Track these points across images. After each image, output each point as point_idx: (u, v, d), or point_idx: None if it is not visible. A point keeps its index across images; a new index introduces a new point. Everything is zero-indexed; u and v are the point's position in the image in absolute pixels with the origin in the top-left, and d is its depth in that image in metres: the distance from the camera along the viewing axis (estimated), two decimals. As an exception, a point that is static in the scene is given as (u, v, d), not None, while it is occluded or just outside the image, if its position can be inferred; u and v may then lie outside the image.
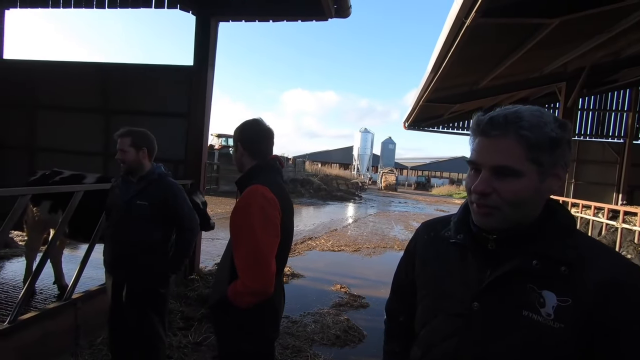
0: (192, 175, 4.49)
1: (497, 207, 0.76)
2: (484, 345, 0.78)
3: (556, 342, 0.72)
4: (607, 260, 0.74)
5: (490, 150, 0.76)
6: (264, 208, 1.42)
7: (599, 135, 12.37)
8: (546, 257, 0.74)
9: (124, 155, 2.11)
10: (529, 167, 0.74)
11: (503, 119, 0.75)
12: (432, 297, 0.90)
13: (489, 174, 0.76)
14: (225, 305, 1.45)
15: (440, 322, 0.86)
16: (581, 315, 0.71)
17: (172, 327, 3.37)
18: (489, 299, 0.78)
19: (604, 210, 6.38)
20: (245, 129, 1.63)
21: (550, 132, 0.74)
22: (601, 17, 4.94)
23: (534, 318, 0.73)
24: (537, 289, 0.74)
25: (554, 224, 0.78)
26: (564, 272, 0.73)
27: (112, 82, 5.01)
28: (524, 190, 0.75)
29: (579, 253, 0.74)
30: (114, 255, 2.16)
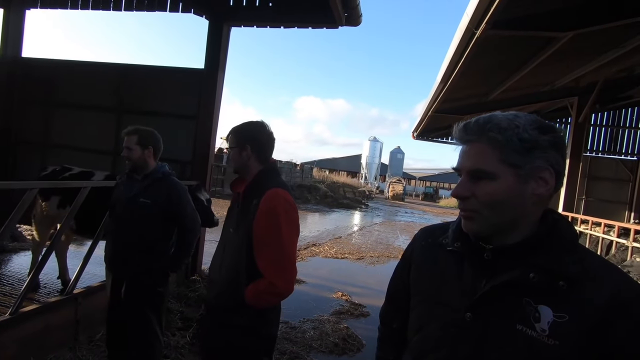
0: (199, 176, 4.53)
1: (477, 210, 0.77)
2: (475, 358, 0.76)
3: (549, 359, 0.70)
4: (612, 278, 0.72)
5: (467, 155, 0.79)
6: (288, 211, 1.49)
7: (611, 152, 12.17)
8: (544, 270, 0.72)
9: (129, 153, 2.15)
10: (503, 169, 0.75)
11: (475, 125, 0.78)
12: (426, 305, 0.89)
13: (467, 178, 0.79)
14: (238, 307, 1.47)
15: (433, 330, 0.84)
16: (580, 334, 0.68)
17: (171, 326, 3.37)
18: (482, 310, 0.77)
19: (615, 228, 6.23)
20: (256, 132, 1.62)
21: (522, 134, 0.74)
22: (615, 32, 4.89)
23: (527, 333, 0.71)
24: (533, 303, 0.72)
25: (555, 237, 0.76)
26: (562, 287, 0.70)
27: (126, 82, 5.12)
28: (499, 192, 0.75)
29: (580, 268, 0.71)
30: (114, 251, 2.18)
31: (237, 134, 1.62)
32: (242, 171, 1.62)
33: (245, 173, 1.62)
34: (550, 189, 0.76)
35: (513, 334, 0.73)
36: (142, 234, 2.13)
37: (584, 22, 4.30)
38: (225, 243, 1.60)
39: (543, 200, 0.77)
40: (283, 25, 4.54)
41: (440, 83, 6.15)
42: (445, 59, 5.22)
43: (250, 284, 1.47)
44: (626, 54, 5.91)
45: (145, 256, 2.13)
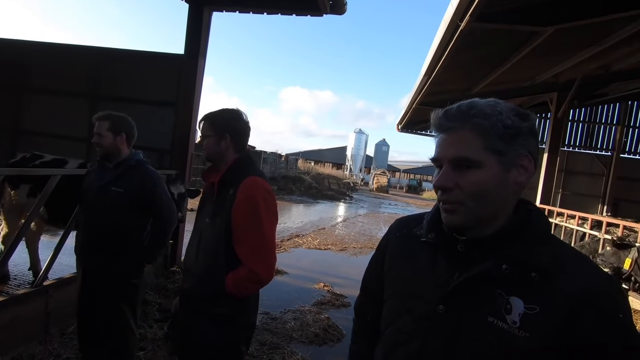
0: (178, 166, 4.42)
1: (461, 202, 0.74)
2: (447, 351, 0.75)
3: (520, 352, 0.69)
4: (583, 270, 0.71)
5: (448, 143, 0.75)
6: (266, 199, 1.50)
7: (587, 147, 12.57)
8: (517, 261, 0.71)
9: (100, 140, 2.05)
10: (488, 156, 0.72)
11: (457, 111, 0.75)
12: (399, 297, 0.87)
13: (450, 168, 0.75)
14: (217, 296, 1.46)
15: (405, 323, 0.83)
16: (551, 326, 0.68)
17: (148, 318, 3.31)
18: (454, 303, 0.75)
19: (588, 220, 6.46)
20: (234, 121, 1.59)
21: (506, 120, 0.72)
22: (594, 29, 4.99)
23: (499, 325, 0.70)
24: (505, 294, 0.71)
25: (528, 228, 0.75)
26: (534, 278, 0.69)
27: (101, 67, 4.91)
28: (486, 181, 0.72)
29: (553, 260, 0.71)
30: (84, 241, 2.10)
31: (214, 123, 1.58)
32: (217, 160, 1.59)
33: (221, 162, 1.59)
34: (530, 176, 0.75)
35: (484, 326, 0.72)
36: (115, 224, 2.05)
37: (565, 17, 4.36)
38: (201, 233, 1.57)
39: (522, 188, 0.76)
40: (266, 11, 4.42)
41: (425, 75, 6.16)
42: (430, 51, 5.22)
43: (230, 272, 1.46)
44: (603, 51, 6.05)
45: (118, 246, 2.06)
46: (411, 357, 0.80)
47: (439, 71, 5.67)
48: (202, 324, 1.51)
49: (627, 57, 6.88)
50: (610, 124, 12.48)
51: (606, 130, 12.52)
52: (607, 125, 12.50)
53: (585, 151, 12.52)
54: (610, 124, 12.48)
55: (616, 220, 6.09)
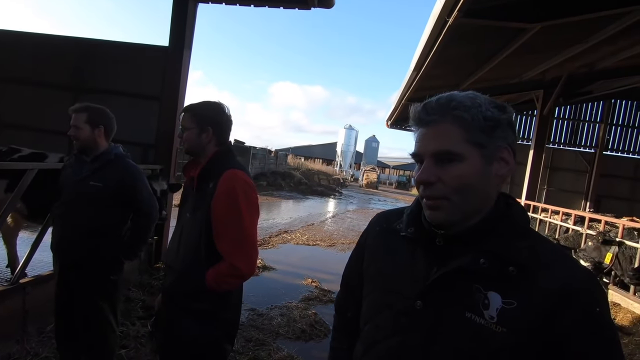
0: (162, 160, 4.33)
1: (445, 196, 0.72)
2: (425, 347, 0.74)
3: (498, 348, 0.68)
4: (563, 266, 0.70)
5: (428, 137, 0.74)
6: (247, 192, 1.47)
7: (572, 144, 12.81)
8: (494, 255, 0.69)
9: (77, 132, 1.98)
10: (469, 149, 0.71)
11: (436, 104, 0.73)
12: (378, 293, 0.85)
13: (431, 162, 0.73)
14: (198, 291, 1.44)
15: (384, 319, 0.81)
16: (529, 322, 0.67)
17: (131, 316, 3.25)
18: (433, 298, 0.74)
19: (572, 216, 6.59)
20: (217, 114, 1.57)
21: (486, 112, 0.71)
22: (579, 27, 5.05)
23: (476, 320, 0.69)
24: (483, 289, 0.70)
25: (506, 222, 0.74)
26: (512, 272, 0.68)
27: (83, 58, 4.76)
28: (468, 174, 0.71)
29: (531, 254, 0.69)
30: (61, 237, 2.03)
31: (197, 115, 1.54)
32: (198, 153, 1.56)
33: (201, 155, 1.55)
34: (511, 169, 0.74)
35: (462, 322, 0.71)
36: (93, 219, 1.99)
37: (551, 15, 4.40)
38: (182, 228, 1.54)
39: (503, 182, 0.76)
40: (253, 3, 4.34)
41: (414, 71, 6.16)
42: (419, 47, 5.21)
43: (211, 267, 1.44)
44: (588, 49, 6.14)
45: (96, 242, 2.00)
46: (390, 353, 0.78)
47: (427, 67, 5.67)
48: (184, 321, 1.48)
49: (611, 56, 7.00)
50: (594, 122, 12.73)
51: (590, 127, 12.77)
52: (591, 123, 12.75)
53: (569, 148, 12.77)
54: (594, 122, 12.73)
55: (598, 216, 6.23)
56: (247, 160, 17.32)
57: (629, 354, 3.48)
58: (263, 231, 7.96)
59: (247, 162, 17.26)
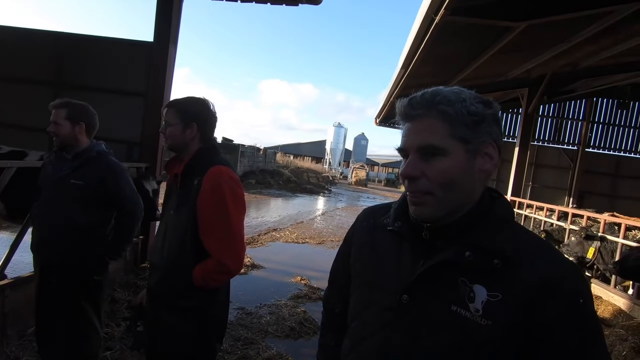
0: (148, 158, 4.25)
1: (429, 191, 0.72)
2: (411, 342, 0.73)
3: (483, 341, 0.68)
4: (545, 257, 0.70)
5: (413, 132, 0.74)
6: (233, 189, 1.46)
7: (556, 142, 13.09)
8: (479, 248, 0.70)
9: (57, 128, 1.92)
10: (454, 144, 0.71)
11: (421, 99, 0.73)
12: (365, 288, 0.85)
13: (416, 157, 0.73)
14: (186, 289, 1.42)
15: (371, 314, 0.81)
16: (512, 313, 0.67)
17: (116, 317, 3.18)
18: (418, 292, 0.74)
19: (555, 212, 6.74)
20: (202, 111, 1.54)
21: (470, 107, 0.71)
22: (562, 26, 5.15)
23: (462, 314, 0.69)
24: (469, 282, 0.70)
25: (491, 216, 0.74)
26: (497, 265, 0.68)
27: (66, 53, 4.63)
28: (452, 168, 0.71)
29: (515, 247, 0.70)
30: (42, 238, 1.97)
31: (181, 110, 1.52)
32: (181, 149, 1.54)
33: (184, 152, 1.53)
34: (495, 164, 0.74)
35: (448, 315, 0.70)
36: (74, 218, 1.93)
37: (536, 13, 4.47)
38: (166, 225, 1.51)
39: (487, 177, 0.75)
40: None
41: (402, 68, 6.19)
42: (406, 44, 5.24)
43: (198, 264, 1.43)
44: (571, 48, 6.27)
45: (78, 242, 1.94)
46: (377, 348, 0.78)
47: (415, 64, 5.70)
48: (170, 319, 1.46)
49: (593, 55, 7.16)
50: (576, 120, 13.04)
51: (573, 125, 13.07)
52: (574, 120, 13.06)
53: (553, 145, 13.05)
54: (576, 120, 13.04)
55: (581, 212, 6.38)
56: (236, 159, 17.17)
57: (610, 344, 3.57)
58: (252, 229, 7.91)
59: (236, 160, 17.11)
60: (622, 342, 3.58)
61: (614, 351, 3.46)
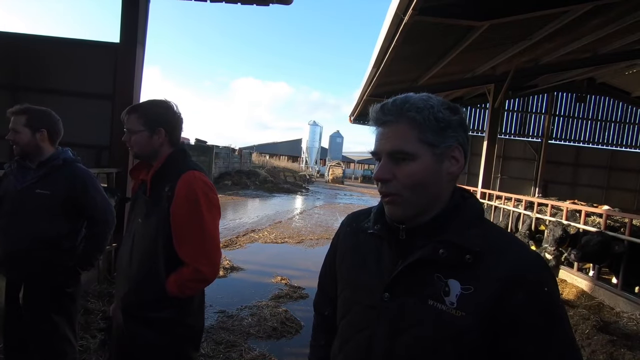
0: (118, 163, 4.11)
1: (398, 193, 0.77)
2: (393, 337, 0.77)
3: (458, 331, 0.72)
4: (512, 251, 0.75)
5: (385, 137, 0.78)
6: (207, 194, 1.43)
7: (521, 135, 13.70)
8: (452, 245, 0.74)
9: (16, 136, 1.83)
10: (422, 148, 0.76)
11: (392, 105, 0.78)
12: (350, 289, 0.89)
13: (387, 160, 0.78)
14: (158, 300, 1.37)
15: (356, 314, 0.85)
16: (484, 305, 0.71)
17: (91, 328, 3.07)
18: (397, 290, 0.78)
19: (522, 202, 7.08)
20: (168, 114, 1.49)
21: (437, 113, 0.76)
22: (523, 25, 5.41)
23: (438, 307, 0.74)
24: (444, 277, 0.74)
25: (462, 214, 0.79)
26: (468, 260, 0.73)
27: (23, 55, 4.38)
28: (420, 172, 0.76)
29: (485, 243, 0.74)
30: (6, 252, 1.87)
31: (144, 116, 1.45)
32: (150, 156, 1.48)
33: (153, 158, 1.47)
34: (461, 167, 0.79)
35: (425, 309, 0.75)
36: (41, 230, 1.85)
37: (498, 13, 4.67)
38: (134, 235, 1.45)
39: (455, 178, 0.80)
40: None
41: (374, 67, 6.29)
42: (377, 43, 5.33)
43: (172, 274, 1.38)
44: (532, 45, 6.59)
45: (47, 254, 1.87)
46: (361, 347, 0.82)
47: (386, 63, 5.81)
48: (142, 331, 1.40)
49: (552, 52, 7.56)
50: (539, 113, 13.70)
51: (536, 119, 13.73)
52: (537, 114, 13.71)
53: (519, 138, 13.65)
54: (539, 113, 13.70)
55: (545, 201, 6.73)
56: (210, 160, 16.82)
57: (574, 324, 3.80)
58: (230, 231, 7.82)
59: (210, 162, 16.76)
60: (585, 321, 3.82)
61: (578, 330, 3.69)
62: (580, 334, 3.62)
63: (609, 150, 13.76)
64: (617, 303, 4.44)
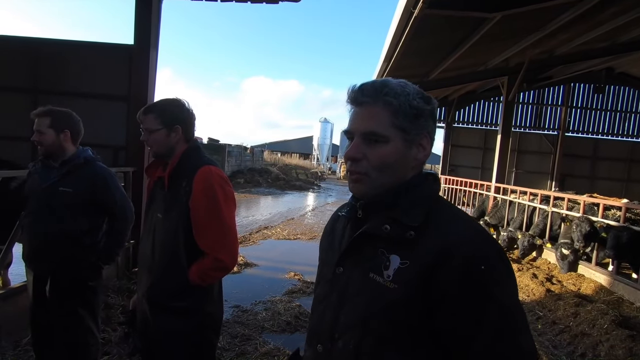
0: (134, 162, 4.23)
1: (366, 172, 0.79)
2: (338, 308, 0.81)
3: (390, 302, 0.73)
4: (452, 226, 0.75)
5: (361, 117, 0.80)
6: (223, 187, 1.50)
7: (536, 128, 13.42)
8: (397, 222, 0.76)
9: (41, 137, 1.91)
10: (394, 133, 0.78)
11: (371, 87, 0.80)
12: (319, 268, 0.94)
13: (360, 140, 0.80)
14: (182, 289, 1.45)
15: (320, 289, 0.90)
16: (416, 278, 0.72)
17: (112, 322, 3.19)
18: (347, 263, 0.82)
19: (538, 196, 6.95)
20: (183, 112, 1.55)
21: (412, 101, 0.78)
22: (536, 16, 5.29)
23: (376, 279, 0.76)
24: (387, 252, 0.76)
25: (415, 193, 0.80)
26: (410, 236, 0.75)
27: (43, 60, 4.54)
28: (390, 155, 0.78)
29: (429, 219, 0.76)
30: (33, 247, 1.97)
31: (161, 115, 1.51)
32: (168, 154, 1.53)
33: (170, 155, 1.53)
34: (427, 154, 0.82)
35: (366, 282, 0.78)
36: (65, 227, 1.94)
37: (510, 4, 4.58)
38: (154, 229, 1.52)
39: (420, 165, 0.83)
40: (220, -2, 4.27)
41: (384, 62, 6.26)
42: (387, 38, 5.30)
43: (193, 264, 1.46)
44: (546, 36, 6.44)
45: (70, 250, 1.95)
46: (318, 317, 0.86)
47: (397, 58, 5.78)
48: (169, 319, 1.48)
49: (567, 42, 7.37)
50: (555, 105, 13.38)
51: (552, 111, 13.41)
52: (553, 106, 13.40)
53: (534, 131, 13.37)
54: (555, 105, 13.38)
55: (561, 194, 6.60)
56: (223, 159, 17.03)
57: (592, 319, 3.74)
58: (243, 228, 7.92)
59: (223, 161, 16.97)
60: (604, 316, 3.75)
61: (596, 325, 3.63)
62: (599, 328, 3.56)
63: (629, 142, 13.35)
64: (638, 298, 4.33)
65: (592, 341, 3.41)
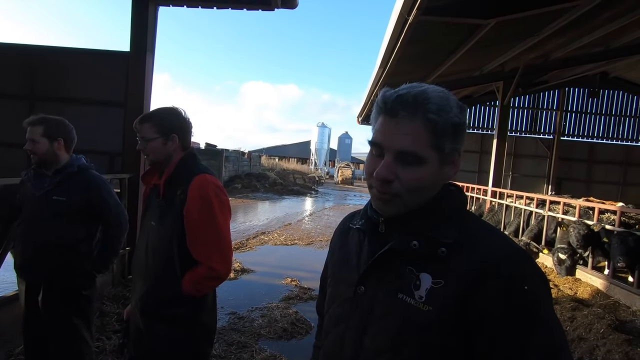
0: (131, 168, 4.21)
1: (398, 194, 0.72)
2: (362, 330, 0.75)
3: (423, 326, 0.68)
4: (486, 243, 0.70)
5: (396, 132, 0.71)
6: (218, 195, 1.50)
7: (532, 132, 13.51)
8: (426, 238, 0.71)
9: (34, 146, 1.90)
10: (432, 153, 0.71)
11: (412, 99, 0.70)
12: (333, 284, 0.88)
13: (392, 159, 0.71)
14: (176, 298, 1.44)
15: (335, 308, 0.84)
16: (453, 299, 0.67)
17: (107, 330, 3.16)
18: (370, 282, 0.76)
19: (534, 200, 6.97)
20: (179, 120, 1.56)
21: (454, 117, 0.71)
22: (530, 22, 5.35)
23: (407, 301, 0.71)
24: (416, 271, 0.71)
25: (441, 207, 0.75)
26: (441, 254, 0.70)
27: (38, 66, 4.54)
28: (425, 178, 0.72)
29: (461, 235, 0.71)
30: (26, 256, 1.95)
31: (159, 124, 1.52)
32: (165, 162, 1.54)
33: (167, 164, 1.54)
34: (457, 171, 0.76)
35: (394, 302, 0.72)
36: (59, 235, 1.93)
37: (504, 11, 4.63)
38: (148, 237, 1.51)
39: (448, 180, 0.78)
40: (216, 5, 4.29)
41: (380, 67, 6.30)
42: (383, 44, 5.34)
43: (187, 273, 1.44)
44: (541, 41, 6.51)
45: (64, 258, 1.94)
46: (336, 340, 0.81)
47: (392, 63, 5.82)
48: (161, 328, 1.47)
49: (562, 47, 7.44)
50: (551, 109, 13.48)
51: (547, 115, 13.51)
52: (548, 110, 13.50)
53: (530, 135, 13.45)
54: (551, 109, 13.48)
55: (557, 198, 6.62)
56: (220, 164, 17.01)
57: (589, 323, 3.74)
58: (240, 234, 7.89)
59: (220, 166, 16.95)
60: (600, 320, 3.75)
61: (592, 329, 3.63)
62: (595, 332, 3.56)
63: (624, 146, 13.45)
64: (634, 302, 4.34)
65: (588, 345, 3.41)
